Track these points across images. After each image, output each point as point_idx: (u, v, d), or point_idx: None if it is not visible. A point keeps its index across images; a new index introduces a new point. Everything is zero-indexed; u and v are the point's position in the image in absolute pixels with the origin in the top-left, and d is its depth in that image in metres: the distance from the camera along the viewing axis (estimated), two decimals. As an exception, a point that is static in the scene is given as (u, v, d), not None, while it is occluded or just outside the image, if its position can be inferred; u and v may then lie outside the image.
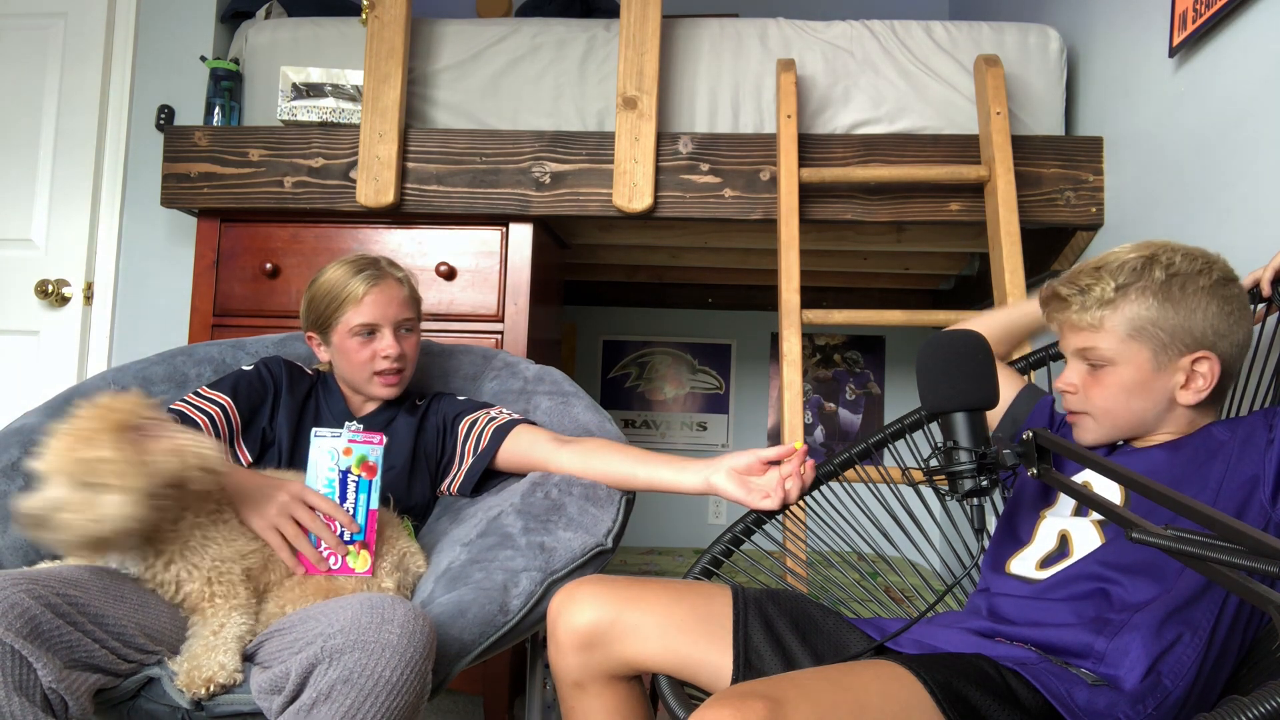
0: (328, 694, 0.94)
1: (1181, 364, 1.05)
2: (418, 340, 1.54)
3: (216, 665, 1.05)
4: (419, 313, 1.55)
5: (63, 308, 2.45)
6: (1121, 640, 0.95)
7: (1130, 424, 1.09)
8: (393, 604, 1.01)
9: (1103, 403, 1.09)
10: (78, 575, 1.06)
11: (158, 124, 2.46)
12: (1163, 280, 1.05)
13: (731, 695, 0.82)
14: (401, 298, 1.49)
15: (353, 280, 1.47)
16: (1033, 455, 0.90)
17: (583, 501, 1.36)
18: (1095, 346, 1.08)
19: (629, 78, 2.11)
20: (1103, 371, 1.08)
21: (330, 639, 0.97)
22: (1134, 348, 1.06)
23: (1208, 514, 0.68)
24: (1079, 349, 1.10)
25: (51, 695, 0.94)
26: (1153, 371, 1.06)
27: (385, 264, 1.52)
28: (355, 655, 0.95)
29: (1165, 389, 1.06)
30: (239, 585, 1.15)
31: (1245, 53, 1.54)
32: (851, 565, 1.66)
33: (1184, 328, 1.04)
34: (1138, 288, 1.06)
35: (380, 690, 0.94)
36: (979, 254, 2.74)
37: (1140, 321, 1.05)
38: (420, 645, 0.99)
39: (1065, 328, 1.12)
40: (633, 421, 3.64)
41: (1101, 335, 1.07)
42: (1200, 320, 1.04)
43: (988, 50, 2.16)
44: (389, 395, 1.49)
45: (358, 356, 1.47)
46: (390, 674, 0.95)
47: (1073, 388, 1.11)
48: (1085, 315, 1.08)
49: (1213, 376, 1.05)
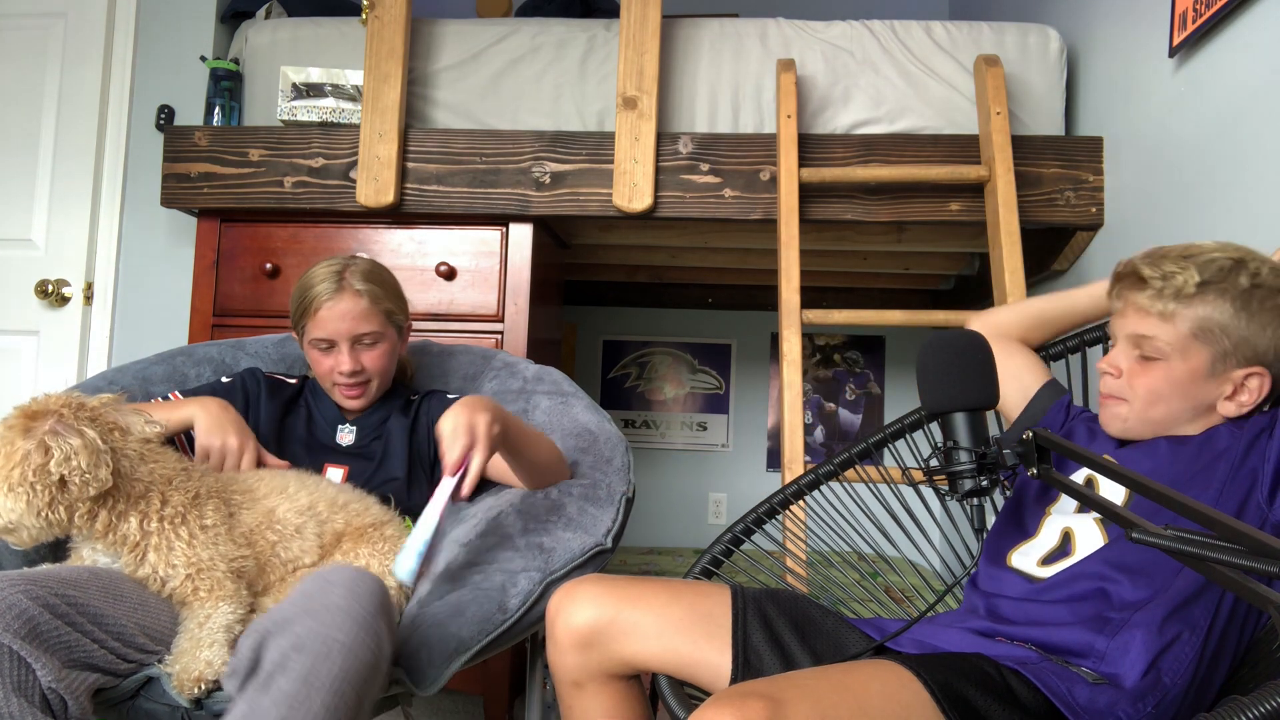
0: (282, 664, 0.92)
1: (1234, 376, 1.03)
2: (387, 350, 1.49)
3: (203, 663, 1.04)
4: (389, 321, 1.49)
5: (63, 308, 2.46)
6: (1122, 638, 0.95)
7: (1162, 423, 1.07)
8: (336, 569, 1.01)
9: (1145, 394, 1.06)
10: (76, 575, 1.06)
11: (158, 124, 2.46)
12: (1246, 288, 1.02)
13: (731, 695, 0.82)
14: (358, 311, 1.44)
15: (310, 291, 1.45)
16: (1033, 455, 0.90)
17: (582, 502, 1.36)
18: (1156, 337, 1.05)
19: (629, 78, 2.11)
20: (1154, 364, 1.06)
21: (279, 610, 0.96)
22: (1195, 347, 1.03)
23: (1208, 514, 0.68)
24: (1138, 334, 1.07)
25: (50, 695, 0.94)
26: (1205, 376, 1.04)
27: (351, 275, 1.46)
28: (304, 621, 0.94)
29: (1209, 396, 1.05)
30: (225, 579, 1.14)
31: (1245, 53, 1.54)
32: (851, 565, 1.66)
33: (1250, 341, 1.02)
34: (1219, 289, 1.02)
35: (334, 652, 0.93)
36: (979, 254, 2.74)
37: (1210, 324, 1.02)
38: (369, 603, 0.98)
39: (1131, 309, 1.08)
40: (633, 421, 3.64)
41: (1167, 327, 1.04)
42: (1268, 337, 1.02)
43: (988, 50, 2.16)
44: (352, 407, 1.50)
45: (319, 368, 1.49)
46: (340, 635, 0.94)
47: (1117, 371, 1.09)
48: (1158, 302, 1.04)
49: (1260, 393, 1.03)
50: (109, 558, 1.15)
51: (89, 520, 1.12)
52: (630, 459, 1.48)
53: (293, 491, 1.28)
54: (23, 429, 1.08)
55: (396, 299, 1.53)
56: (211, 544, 1.15)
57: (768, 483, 3.56)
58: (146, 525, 1.13)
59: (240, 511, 1.22)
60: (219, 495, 1.21)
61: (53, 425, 1.08)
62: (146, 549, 1.13)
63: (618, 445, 1.49)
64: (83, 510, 1.11)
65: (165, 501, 1.15)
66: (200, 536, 1.15)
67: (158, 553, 1.13)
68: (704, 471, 3.61)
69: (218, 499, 1.20)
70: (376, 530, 1.30)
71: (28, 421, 1.09)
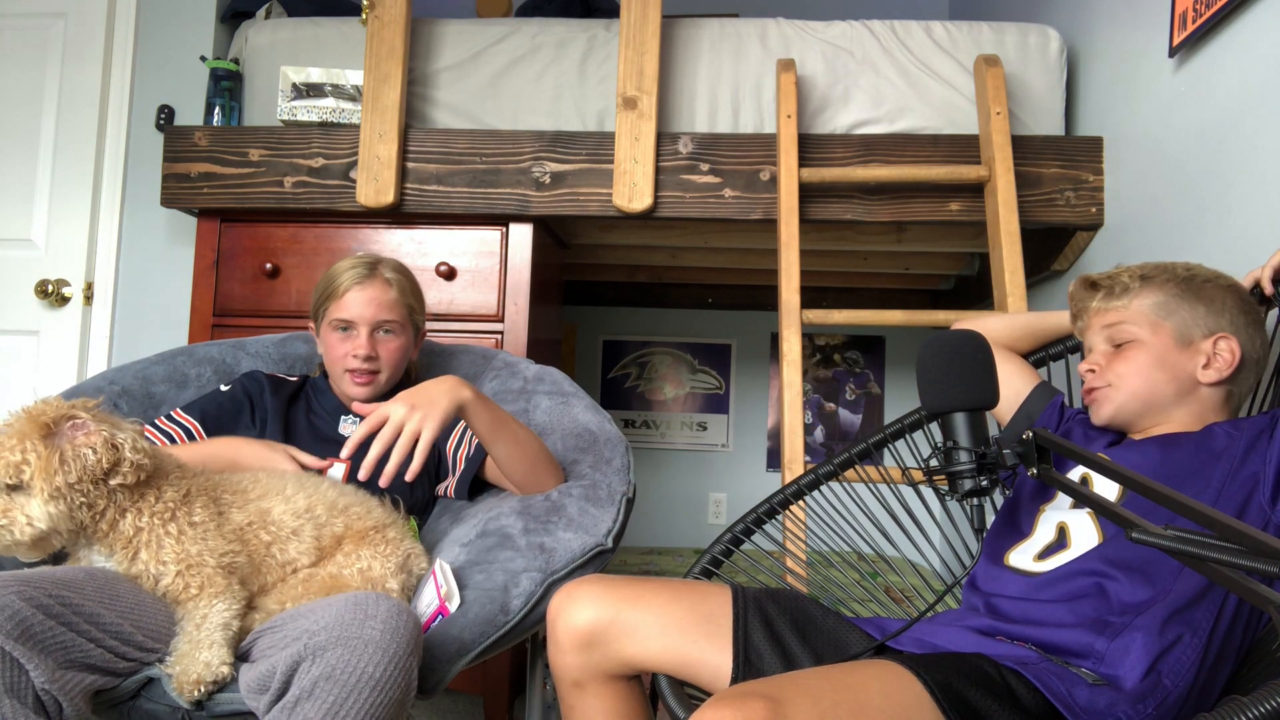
0: (311, 691, 0.93)
1: (1204, 347, 1.10)
2: (403, 345, 1.52)
3: (202, 665, 1.04)
4: (410, 318, 1.54)
5: (63, 308, 2.45)
6: (1122, 640, 0.95)
7: (1149, 396, 1.11)
8: (376, 600, 1.01)
9: (1124, 370, 1.12)
10: (72, 576, 1.06)
11: (158, 124, 2.46)
12: (1185, 276, 1.13)
13: (732, 695, 0.82)
14: (386, 300, 1.49)
15: (341, 275, 1.50)
16: (1032, 455, 0.90)
17: (582, 502, 1.36)
18: (1121, 322, 1.14)
19: (629, 78, 2.11)
20: (1127, 347, 1.13)
21: (314, 636, 0.96)
22: (1158, 324, 1.12)
23: (1207, 514, 0.68)
24: (1105, 325, 1.15)
25: (44, 697, 0.94)
26: (1176, 348, 1.11)
27: (383, 266, 1.52)
28: (338, 652, 0.95)
29: (1187, 369, 1.10)
30: (216, 575, 1.14)
31: (1245, 53, 1.54)
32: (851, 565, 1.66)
33: (1206, 314, 1.10)
34: (1160, 280, 1.14)
35: (363, 686, 0.94)
36: (979, 254, 2.74)
37: (1164, 302, 1.12)
38: (404, 641, 0.98)
39: (1092, 315, 1.18)
40: (633, 421, 3.64)
41: (1128, 313, 1.13)
42: (1220, 309, 1.10)
43: (988, 50, 2.16)
44: (360, 395, 1.50)
45: (334, 351, 1.50)
46: (373, 670, 0.94)
47: (1096, 366, 1.16)
48: (1113, 299, 1.15)
49: (1233, 356, 1.08)
50: (104, 558, 1.16)
51: (97, 519, 1.12)
52: (630, 459, 1.48)
53: (290, 493, 1.27)
54: (41, 435, 1.08)
55: (418, 299, 1.58)
56: (200, 539, 1.15)
57: (768, 483, 3.56)
58: (139, 522, 1.14)
59: (230, 510, 1.22)
60: (208, 493, 1.21)
61: (90, 424, 1.10)
62: (138, 546, 1.13)
63: (618, 445, 1.49)
64: (100, 508, 1.11)
65: (159, 498, 1.15)
66: (189, 532, 1.15)
67: (148, 549, 1.13)
68: (704, 471, 3.61)
69: (206, 496, 1.21)
70: (378, 533, 1.30)
71: (45, 429, 1.08)
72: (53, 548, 1.12)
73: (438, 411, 1.19)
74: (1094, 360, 1.16)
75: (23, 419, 1.09)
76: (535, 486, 1.38)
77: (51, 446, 1.08)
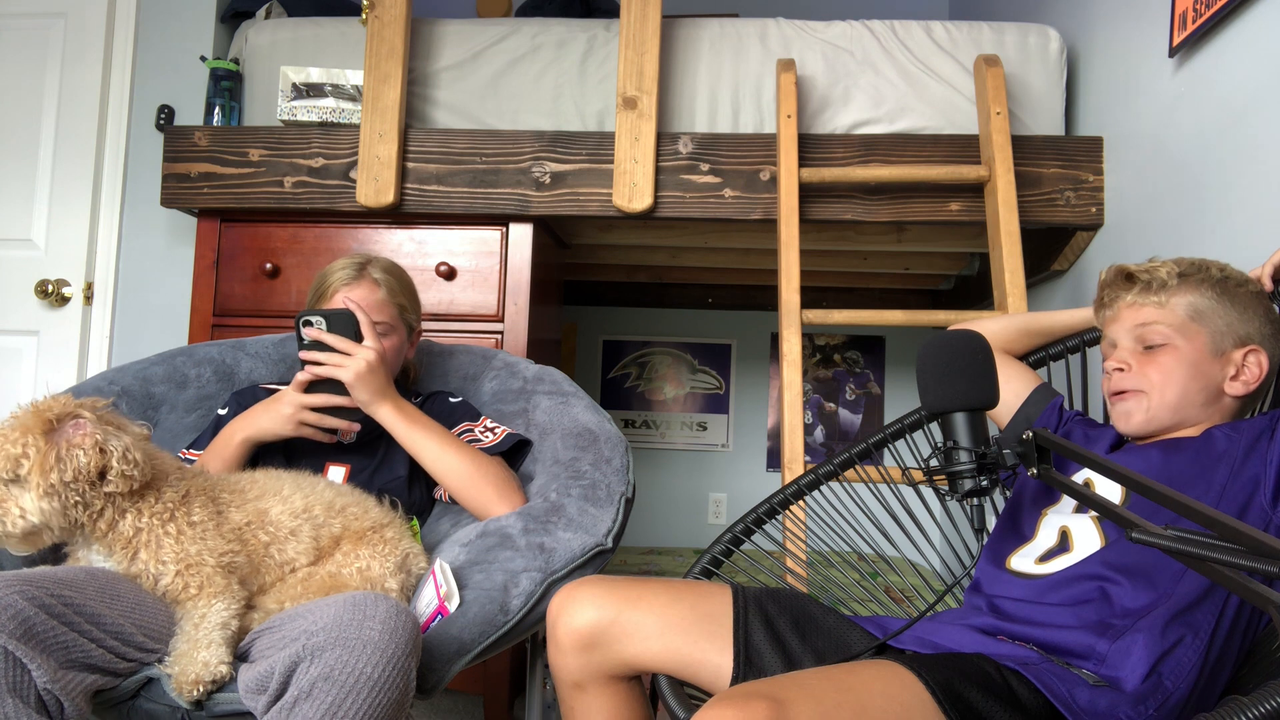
0: (309, 691, 0.93)
1: (1234, 356, 1.08)
2: (394, 344, 1.51)
3: (200, 665, 1.04)
4: (401, 317, 1.53)
5: (63, 308, 2.45)
6: (1124, 642, 0.95)
7: (1181, 406, 1.09)
8: (375, 601, 1.01)
9: (1160, 379, 1.09)
10: (73, 576, 1.06)
11: (158, 124, 2.46)
12: (1219, 278, 1.11)
13: (734, 695, 0.82)
14: (373, 299, 1.48)
15: (330, 277, 1.50)
16: (1032, 455, 0.90)
17: (582, 502, 1.36)
18: (1157, 323, 1.10)
19: (629, 78, 2.11)
20: (1159, 350, 1.10)
21: (312, 636, 0.96)
22: (1193, 329, 1.09)
23: (1208, 514, 0.68)
24: (1138, 325, 1.12)
25: (46, 696, 0.94)
26: (1209, 355, 1.09)
27: (372, 266, 1.52)
28: (336, 652, 0.95)
29: (1216, 379, 1.09)
30: (216, 575, 1.14)
31: (1245, 53, 1.54)
32: (851, 565, 1.66)
33: (1238, 321, 1.08)
34: (1197, 279, 1.11)
35: (362, 687, 0.94)
36: (979, 254, 2.74)
37: (1200, 307, 1.09)
38: (402, 642, 0.98)
39: (1124, 308, 1.14)
40: (633, 421, 3.64)
41: (1164, 313, 1.10)
42: (1251, 318, 1.09)
43: (988, 50, 2.16)
44: None
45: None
46: (371, 670, 0.94)
47: (1126, 365, 1.12)
48: (1150, 294, 1.11)
49: (1261, 370, 1.07)
50: (104, 558, 1.16)
51: (94, 519, 1.12)
52: (630, 459, 1.48)
53: (288, 494, 1.28)
54: (43, 431, 1.08)
55: (411, 298, 1.57)
56: (199, 539, 1.15)
57: (768, 483, 3.56)
58: (138, 522, 1.14)
59: (229, 510, 1.22)
60: (207, 493, 1.21)
61: (88, 426, 1.10)
62: (138, 546, 1.13)
63: (618, 445, 1.49)
64: (96, 508, 1.12)
65: (158, 498, 1.15)
66: (188, 532, 1.15)
67: (148, 549, 1.13)
68: (704, 471, 3.61)
69: (205, 497, 1.21)
70: (376, 533, 1.30)
71: (48, 425, 1.09)
72: (44, 543, 1.12)
73: (368, 386, 1.37)
74: (1122, 358, 1.12)
75: (29, 413, 1.10)
76: (480, 509, 1.39)
77: (50, 443, 1.08)
